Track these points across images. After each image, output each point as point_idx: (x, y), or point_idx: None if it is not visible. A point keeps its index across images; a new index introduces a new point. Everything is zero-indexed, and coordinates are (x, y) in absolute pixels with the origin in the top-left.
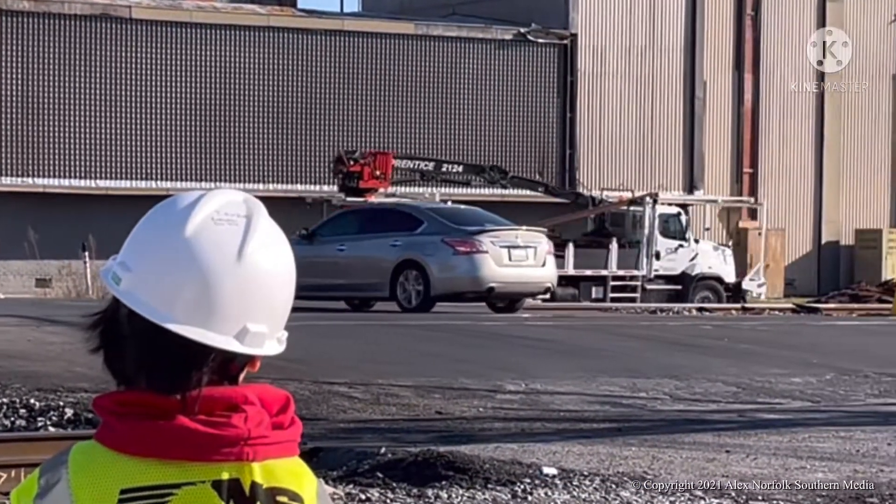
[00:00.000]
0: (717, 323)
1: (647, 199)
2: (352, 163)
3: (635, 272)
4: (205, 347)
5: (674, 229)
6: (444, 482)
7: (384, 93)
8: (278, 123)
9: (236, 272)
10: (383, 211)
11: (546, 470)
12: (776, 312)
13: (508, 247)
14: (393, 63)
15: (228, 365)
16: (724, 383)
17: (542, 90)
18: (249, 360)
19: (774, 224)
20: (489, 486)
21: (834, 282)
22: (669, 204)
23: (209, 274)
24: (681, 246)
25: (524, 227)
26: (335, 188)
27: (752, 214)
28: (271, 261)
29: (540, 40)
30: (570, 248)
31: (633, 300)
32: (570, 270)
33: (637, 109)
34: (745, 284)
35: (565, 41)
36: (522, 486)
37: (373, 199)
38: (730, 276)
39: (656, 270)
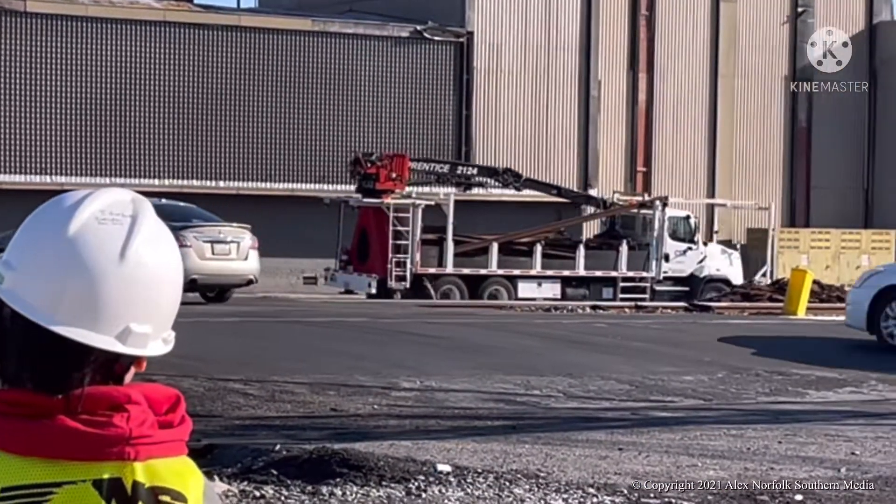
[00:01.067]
0: (611, 321)
1: (657, 202)
2: (368, 165)
3: (644, 274)
4: (86, 347)
5: (683, 232)
6: (338, 479)
7: (282, 89)
8: (175, 119)
9: (119, 272)
10: None
11: (440, 467)
12: (669, 311)
13: (212, 241)
14: (290, 59)
15: (113, 365)
16: (618, 381)
17: (439, 87)
18: (135, 360)
19: None
20: (383, 483)
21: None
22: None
23: (91, 274)
24: (689, 248)
25: (232, 224)
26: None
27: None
28: (156, 261)
29: (436, 38)
30: (581, 250)
31: (642, 300)
32: (581, 271)
33: (532, 107)
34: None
35: (461, 39)
36: (416, 483)
37: (389, 200)
38: (737, 278)
39: (665, 272)
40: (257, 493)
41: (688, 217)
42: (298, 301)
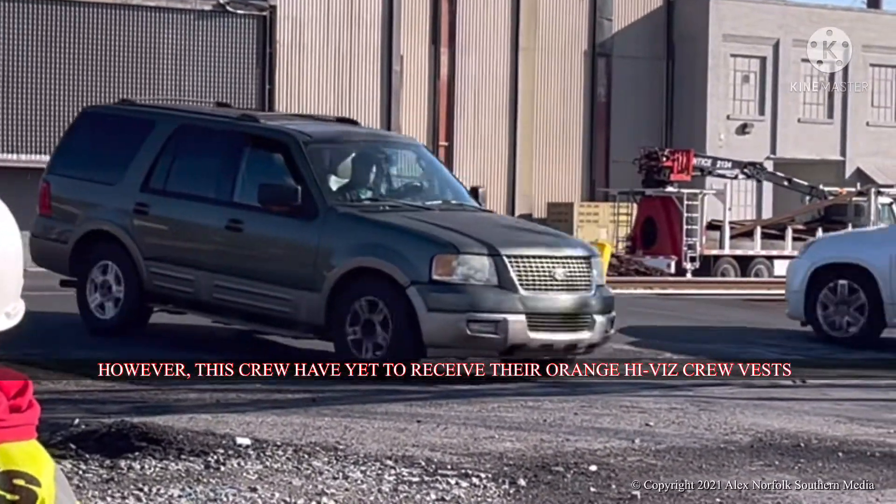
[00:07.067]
0: None
1: (872, 190)
2: (664, 159)
3: None
4: None
5: (886, 217)
6: (137, 453)
7: (82, 62)
8: None
9: None
10: None
11: (239, 440)
12: None
13: None
14: (90, 32)
15: None
16: None
17: (242, 62)
18: None
19: None
20: (182, 456)
21: None
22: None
23: None
24: None
25: None
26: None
27: None
28: None
29: (239, 11)
30: (819, 233)
31: None
32: None
33: (335, 82)
34: None
35: (264, 13)
36: (216, 457)
37: (670, 189)
38: None
39: None
40: None
41: (891, 203)
42: None
